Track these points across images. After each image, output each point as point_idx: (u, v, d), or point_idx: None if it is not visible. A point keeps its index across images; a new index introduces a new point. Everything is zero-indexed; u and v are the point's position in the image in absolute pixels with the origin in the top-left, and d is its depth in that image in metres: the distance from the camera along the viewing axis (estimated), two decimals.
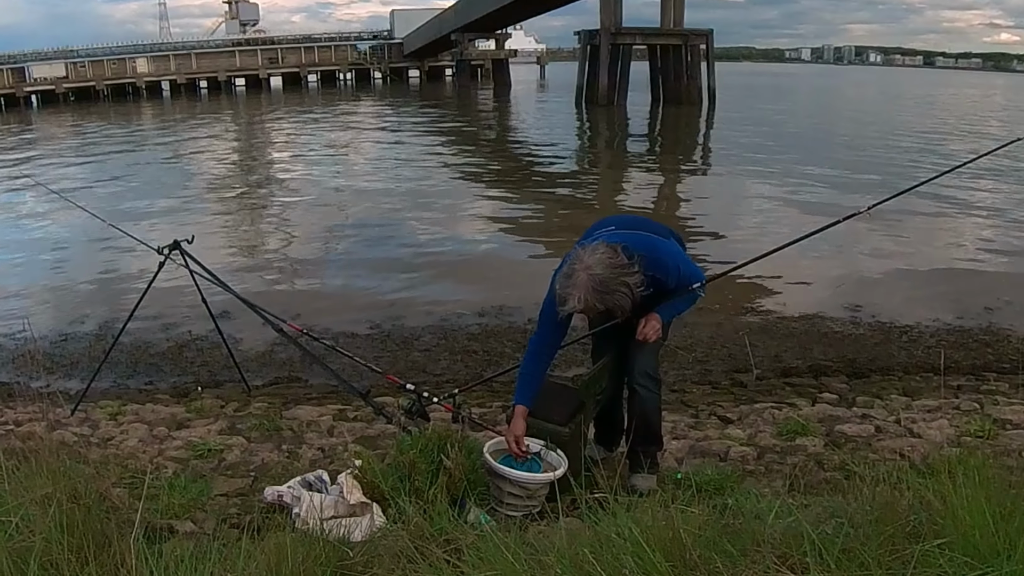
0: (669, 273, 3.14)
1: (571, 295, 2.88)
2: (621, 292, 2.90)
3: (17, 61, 59.18)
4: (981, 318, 7.16)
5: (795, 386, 5.51)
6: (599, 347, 3.65)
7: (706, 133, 29.71)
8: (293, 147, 24.76)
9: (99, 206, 11.22)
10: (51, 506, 2.12)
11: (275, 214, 13.46)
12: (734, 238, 10.12)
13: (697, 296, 3.27)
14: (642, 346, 3.36)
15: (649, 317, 3.18)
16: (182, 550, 2.14)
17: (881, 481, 2.28)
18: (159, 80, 64.66)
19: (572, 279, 2.89)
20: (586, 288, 2.86)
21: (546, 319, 3.21)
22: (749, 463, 3.83)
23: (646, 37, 41.37)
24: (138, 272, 8.29)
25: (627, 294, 2.92)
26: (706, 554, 1.90)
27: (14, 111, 50.01)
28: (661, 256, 3.13)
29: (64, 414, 4.63)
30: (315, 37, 76.85)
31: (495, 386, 5.61)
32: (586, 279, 2.86)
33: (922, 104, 38.83)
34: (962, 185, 15.19)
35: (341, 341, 6.23)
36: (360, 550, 2.24)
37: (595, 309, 2.96)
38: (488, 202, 14.26)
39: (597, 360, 3.62)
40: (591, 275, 2.87)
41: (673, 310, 3.27)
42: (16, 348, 6.57)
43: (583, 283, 2.86)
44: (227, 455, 4.00)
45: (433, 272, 9.18)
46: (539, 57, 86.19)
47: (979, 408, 4.63)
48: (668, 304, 3.24)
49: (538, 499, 3.06)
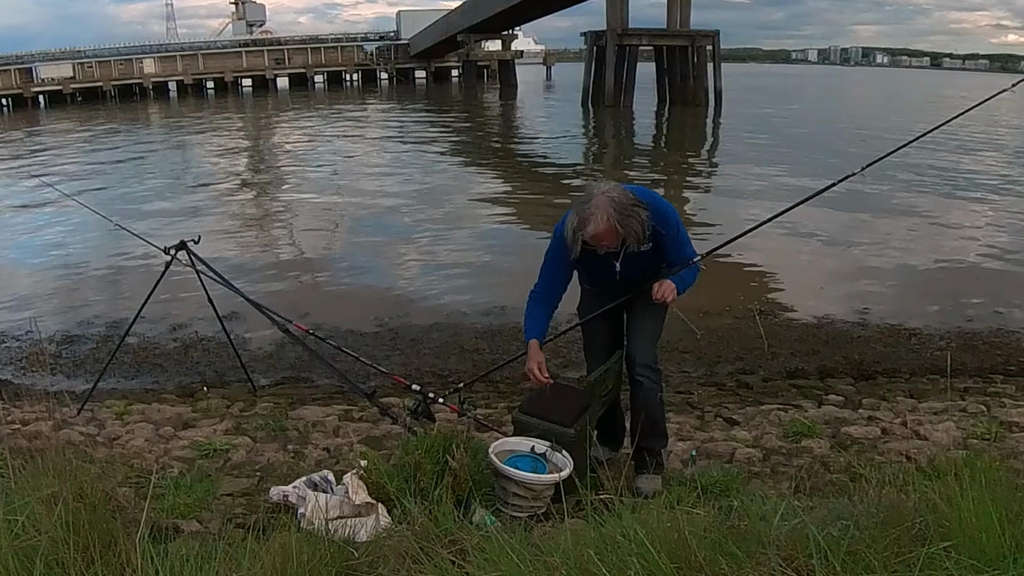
0: (670, 225, 3.22)
1: (591, 215, 2.99)
2: (636, 217, 3.03)
3: (25, 62, 59.45)
4: (989, 321, 7.13)
5: (801, 388, 5.49)
6: (592, 341, 3.62)
7: (713, 133, 29.65)
8: (299, 147, 24.79)
9: (106, 206, 11.27)
10: (57, 505, 2.13)
11: (281, 214, 13.50)
12: (733, 228, 10.04)
13: (698, 269, 3.32)
14: (641, 335, 3.42)
15: (662, 281, 3.21)
16: (187, 550, 2.15)
17: (887, 483, 2.28)
18: (166, 81, 64.80)
19: (591, 203, 3.01)
20: (606, 208, 2.98)
21: (549, 267, 3.31)
22: (755, 465, 3.82)
23: (652, 38, 41.27)
24: (144, 272, 8.31)
25: (640, 222, 3.04)
26: (711, 556, 1.90)
27: (22, 111, 50.25)
28: (664, 207, 3.24)
29: (70, 413, 4.64)
30: (321, 38, 76.91)
31: (501, 387, 5.62)
32: (606, 200, 3.00)
33: (930, 107, 38.65)
34: (970, 188, 15.16)
35: (348, 341, 6.24)
36: (365, 550, 2.24)
37: (614, 232, 3.03)
38: (494, 201, 14.25)
39: (589, 355, 3.63)
40: (609, 197, 3.02)
41: (683, 282, 3.28)
42: (23, 347, 6.60)
43: (603, 203, 2.99)
44: (233, 455, 4.00)
45: (439, 272, 9.18)
46: (545, 58, 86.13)
47: (986, 410, 4.62)
48: (678, 277, 3.26)
49: (543, 500, 3.06)
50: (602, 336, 3.56)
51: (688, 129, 31.14)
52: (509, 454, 3.16)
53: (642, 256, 3.23)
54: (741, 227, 3.75)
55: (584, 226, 3.01)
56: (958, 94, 54.55)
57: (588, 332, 3.62)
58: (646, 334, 3.44)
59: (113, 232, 6.63)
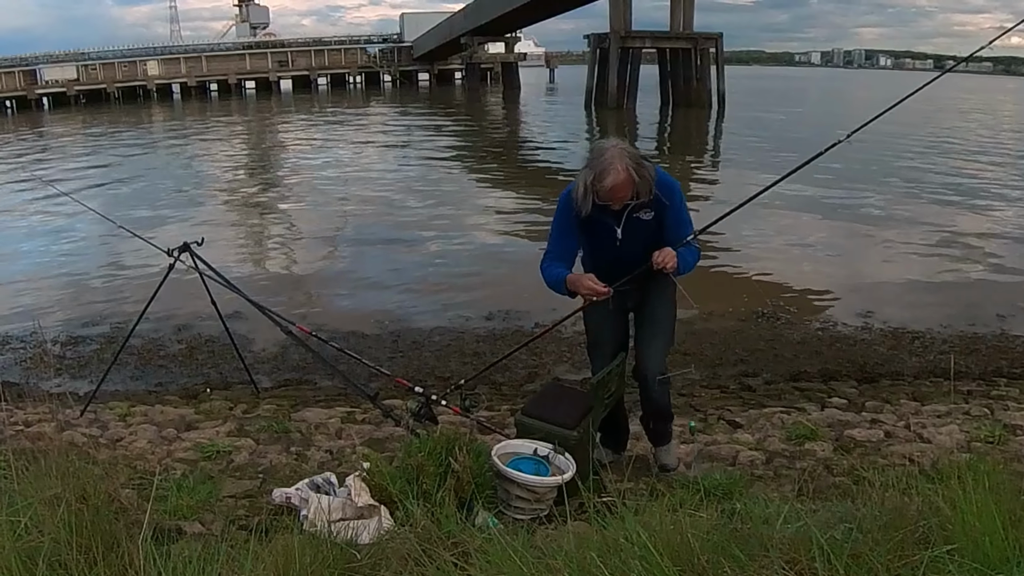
0: (674, 197, 3.29)
1: (609, 167, 3.07)
2: (646, 168, 3.14)
3: (29, 63, 59.71)
4: (993, 324, 7.12)
5: (804, 391, 5.49)
6: (597, 341, 3.61)
7: (715, 136, 29.66)
8: (302, 150, 24.85)
9: (109, 208, 11.28)
10: (60, 506, 2.14)
11: (285, 216, 13.52)
12: (739, 232, 10.11)
13: (697, 252, 3.36)
14: (651, 344, 3.45)
15: (663, 249, 3.22)
16: (190, 551, 2.15)
17: (890, 486, 2.27)
18: (170, 82, 65.03)
19: (605, 156, 3.11)
20: (621, 157, 3.08)
21: (558, 232, 3.39)
22: (758, 468, 3.82)
23: (656, 40, 41.32)
24: (148, 274, 8.32)
25: (649, 174, 3.15)
26: (714, 559, 1.90)
27: (26, 113, 50.46)
28: (668, 178, 3.32)
29: (74, 415, 4.65)
30: (325, 40, 77.06)
31: (504, 389, 5.63)
32: (619, 151, 3.11)
33: (929, 109, 38.51)
34: (977, 192, 15.14)
35: (350, 343, 6.25)
36: (368, 552, 2.24)
37: (630, 183, 3.10)
38: (497, 204, 14.28)
39: (594, 355, 3.63)
40: (621, 148, 3.13)
41: (684, 260, 3.28)
42: (26, 349, 6.61)
43: (617, 154, 3.10)
44: (236, 457, 4.01)
45: (442, 275, 9.19)
46: (548, 60, 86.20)
47: (989, 413, 4.62)
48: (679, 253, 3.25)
49: (546, 502, 3.06)
50: (607, 336, 3.56)
51: (691, 131, 31.15)
52: (512, 456, 3.15)
53: (642, 225, 3.27)
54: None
55: (602, 179, 3.08)
56: (960, 95, 54.54)
57: (592, 331, 3.62)
58: (656, 344, 3.46)
59: (117, 234, 6.63)
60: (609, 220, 3.26)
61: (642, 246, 3.27)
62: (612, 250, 3.33)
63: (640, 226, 3.27)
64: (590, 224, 3.27)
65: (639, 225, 3.27)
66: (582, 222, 3.25)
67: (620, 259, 3.31)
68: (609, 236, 3.30)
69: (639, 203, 3.21)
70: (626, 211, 3.23)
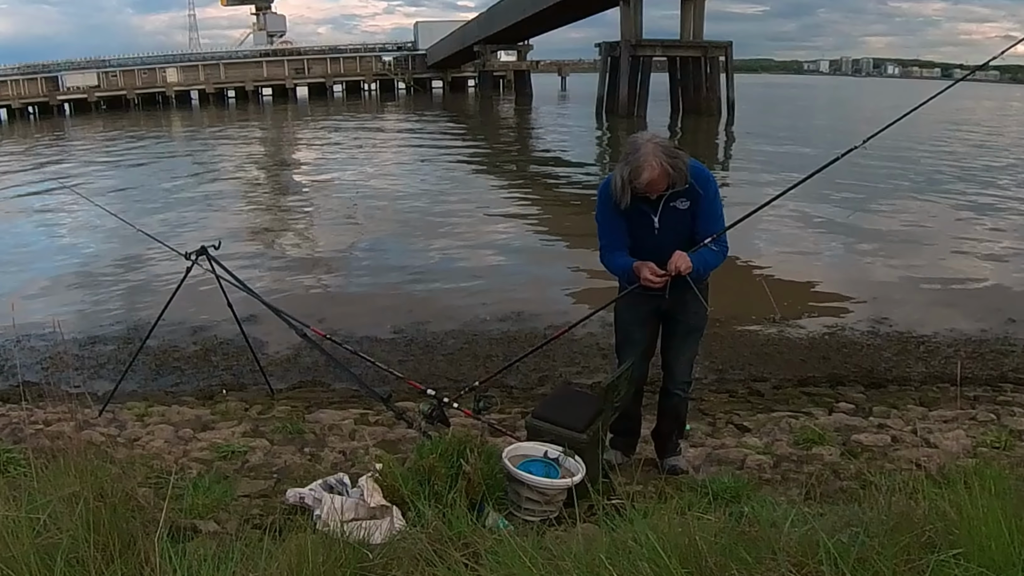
0: (709, 188, 3.35)
1: (645, 163, 3.15)
2: (681, 159, 3.21)
3: (51, 70, 60.39)
4: (1000, 329, 7.08)
5: (812, 395, 5.48)
6: (628, 341, 3.65)
7: (725, 144, 29.55)
8: (319, 156, 24.99)
9: (129, 212, 11.40)
10: (78, 504, 2.17)
11: (300, 221, 13.62)
12: (747, 237, 10.09)
13: (720, 250, 3.39)
14: (680, 355, 3.59)
15: (675, 254, 3.28)
16: (205, 550, 2.19)
17: (897, 491, 2.27)
18: (188, 89, 65.59)
19: (640, 151, 3.18)
20: (655, 154, 3.15)
21: (607, 224, 3.44)
22: (766, 471, 3.82)
23: (666, 49, 41.25)
24: (165, 277, 8.43)
25: (684, 164, 3.21)
26: (722, 561, 1.91)
27: (48, 119, 51.05)
28: (704, 170, 3.39)
29: (92, 414, 4.70)
30: (340, 48, 77.52)
31: (515, 392, 5.65)
32: (653, 147, 3.18)
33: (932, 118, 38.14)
34: (984, 196, 15.03)
35: (364, 346, 6.29)
36: (379, 552, 2.27)
37: (666, 176, 3.18)
38: (510, 210, 14.30)
39: (622, 354, 3.66)
40: (655, 143, 3.20)
41: (703, 260, 3.34)
42: (46, 349, 6.69)
43: (652, 149, 3.17)
44: (250, 457, 4.05)
45: (455, 279, 9.22)
46: (560, 69, 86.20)
47: (996, 419, 4.59)
48: (698, 253, 3.32)
49: (556, 504, 3.08)
50: (637, 336, 3.61)
51: (701, 139, 31.04)
52: (522, 459, 3.18)
53: (679, 215, 3.33)
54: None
55: (639, 175, 3.15)
56: (967, 104, 54.08)
57: (623, 330, 3.67)
58: (684, 356, 3.63)
59: (135, 237, 6.71)
60: (647, 209, 3.34)
61: (679, 235, 3.35)
62: (651, 239, 3.38)
63: (677, 215, 3.34)
64: (629, 214, 3.34)
65: (676, 214, 3.34)
66: (622, 212, 3.32)
67: (659, 247, 3.36)
68: (647, 226, 3.37)
69: (675, 192, 3.28)
70: (662, 201, 3.30)
